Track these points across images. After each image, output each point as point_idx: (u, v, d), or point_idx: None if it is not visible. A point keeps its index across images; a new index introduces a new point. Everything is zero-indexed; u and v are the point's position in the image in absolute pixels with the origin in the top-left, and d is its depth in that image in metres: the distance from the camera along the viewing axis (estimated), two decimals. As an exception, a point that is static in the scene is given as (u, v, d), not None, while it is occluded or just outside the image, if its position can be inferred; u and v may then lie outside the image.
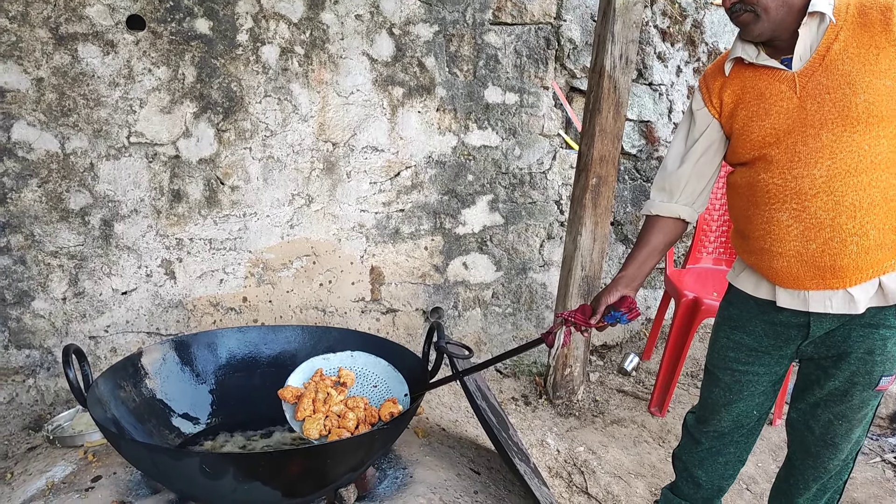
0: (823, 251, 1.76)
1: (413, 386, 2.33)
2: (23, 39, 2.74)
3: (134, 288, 3.11)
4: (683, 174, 2.03)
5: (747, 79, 1.86)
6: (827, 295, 1.82)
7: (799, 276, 1.83)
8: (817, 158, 1.72)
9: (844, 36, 1.71)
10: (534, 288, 3.90)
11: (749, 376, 2.07)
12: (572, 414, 3.44)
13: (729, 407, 2.14)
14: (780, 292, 1.90)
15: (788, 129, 1.77)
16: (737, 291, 2.08)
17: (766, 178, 1.82)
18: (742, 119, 1.87)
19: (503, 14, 3.48)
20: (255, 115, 3.13)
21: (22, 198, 2.85)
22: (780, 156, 1.79)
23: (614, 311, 1.90)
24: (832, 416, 1.97)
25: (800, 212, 1.77)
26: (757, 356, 2.04)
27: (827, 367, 1.94)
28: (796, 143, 1.75)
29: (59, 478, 2.27)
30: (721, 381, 2.13)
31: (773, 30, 1.76)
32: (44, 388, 3.05)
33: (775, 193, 1.81)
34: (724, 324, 2.13)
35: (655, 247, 2.06)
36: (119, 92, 2.91)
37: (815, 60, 1.73)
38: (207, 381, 2.48)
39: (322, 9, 3.14)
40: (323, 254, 3.40)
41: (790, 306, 1.89)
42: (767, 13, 1.73)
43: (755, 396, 2.11)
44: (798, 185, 1.76)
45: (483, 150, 3.60)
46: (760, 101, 1.82)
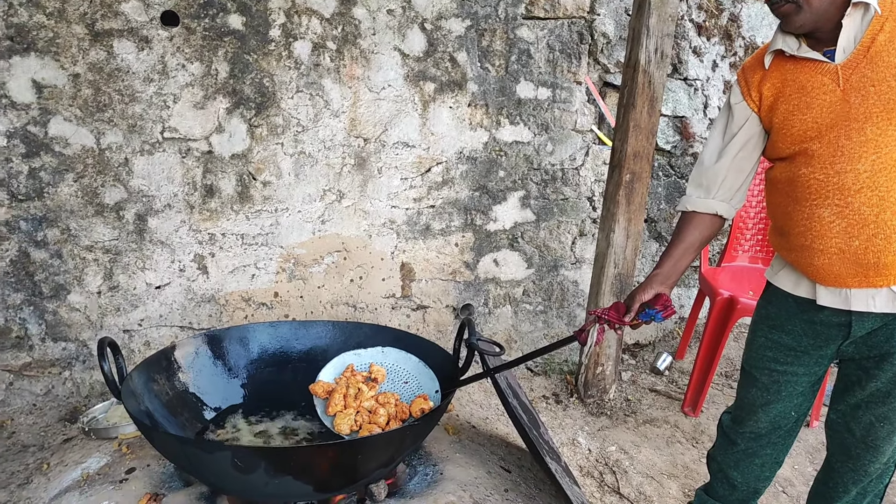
0: (867, 248, 1.72)
1: (444, 382, 2.32)
2: (59, 35, 2.77)
3: (167, 282, 3.13)
4: (721, 169, 1.98)
5: (788, 71, 1.82)
6: (870, 293, 1.77)
7: (841, 274, 1.78)
8: (861, 153, 1.67)
9: (890, 27, 1.65)
10: (565, 285, 3.87)
11: (788, 376, 2.02)
12: (604, 413, 3.40)
13: (766, 408, 2.09)
14: (821, 290, 1.85)
15: (831, 122, 1.72)
16: (775, 290, 2.03)
17: (808, 173, 1.77)
18: (782, 113, 1.82)
19: (536, 8, 3.44)
20: (287, 110, 3.13)
21: (58, 192, 2.89)
22: (822, 150, 1.74)
23: (649, 308, 1.87)
24: (873, 418, 1.92)
25: (843, 208, 1.72)
26: (796, 356, 1.99)
27: (868, 367, 1.89)
28: (839, 137, 1.70)
29: (95, 469, 2.30)
30: (759, 381, 2.09)
31: (815, 21, 1.71)
32: (79, 380, 3.09)
33: (817, 189, 1.76)
34: (762, 323, 2.08)
35: (691, 244, 2.02)
36: (153, 87, 2.93)
37: (860, 52, 1.68)
38: (239, 376, 2.49)
39: (354, 4, 3.14)
40: (354, 250, 3.40)
41: (831, 305, 1.84)
42: (810, 4, 1.68)
43: (794, 397, 2.06)
44: (841, 181, 1.71)
45: (515, 146, 3.57)
46: (802, 94, 1.77)
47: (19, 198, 2.84)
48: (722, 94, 4.05)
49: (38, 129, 2.81)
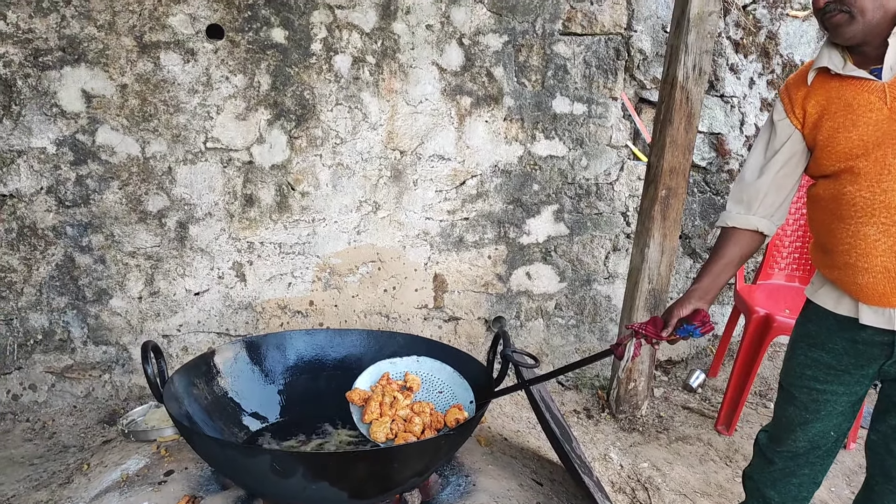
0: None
1: (478, 393, 2.33)
2: (109, 47, 2.86)
3: (206, 289, 3.19)
4: (762, 186, 1.98)
5: (833, 89, 1.81)
6: None
7: (885, 293, 1.76)
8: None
9: None
10: (598, 300, 3.86)
11: (827, 395, 2.00)
12: (636, 429, 3.38)
13: (805, 427, 2.06)
14: (864, 309, 1.83)
15: (878, 140, 1.71)
16: (815, 307, 2.01)
17: (853, 190, 1.77)
18: (827, 130, 1.81)
19: (573, 24, 3.47)
20: (326, 122, 3.19)
21: (104, 199, 2.97)
22: (868, 168, 1.73)
23: (687, 324, 1.85)
24: None
25: (889, 226, 1.71)
26: (836, 375, 1.97)
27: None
28: (886, 155, 1.70)
29: (134, 470, 2.34)
30: (797, 399, 2.06)
31: (865, 33, 1.71)
32: (118, 383, 3.16)
33: (862, 206, 1.75)
34: (802, 341, 2.06)
35: (731, 259, 2.01)
36: (197, 99, 3.00)
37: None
38: (276, 382, 2.53)
39: (394, 19, 3.19)
40: (388, 260, 3.44)
41: (874, 324, 1.82)
42: (864, 14, 1.68)
43: (833, 417, 2.03)
44: (888, 199, 1.70)
45: (549, 160, 3.58)
46: (848, 111, 1.77)
47: (66, 204, 2.93)
48: (759, 112, 4.03)
49: (87, 138, 2.90)
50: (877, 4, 1.67)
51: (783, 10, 3.98)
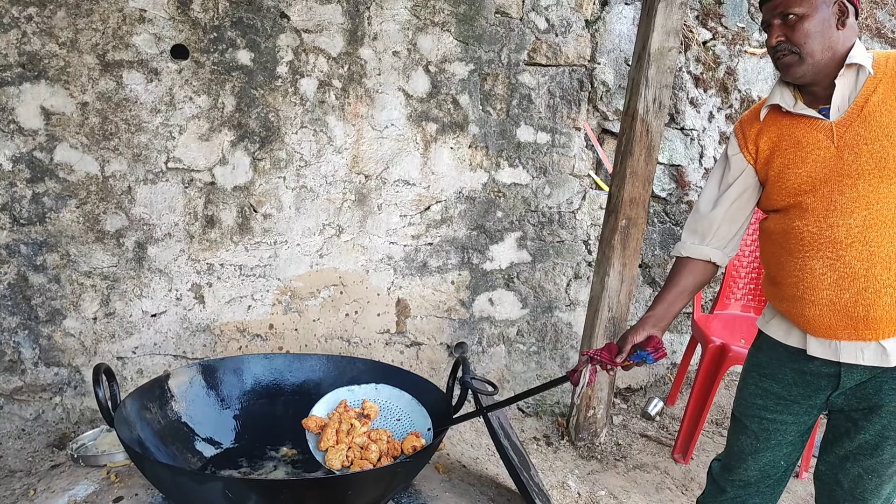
0: (857, 301, 1.75)
1: (436, 420, 2.32)
2: (71, 65, 2.82)
3: (163, 310, 3.14)
4: (716, 218, 2.03)
5: (784, 126, 1.87)
6: (859, 346, 1.80)
7: (831, 326, 1.81)
8: (853, 208, 1.72)
9: (883, 88, 1.72)
10: (559, 327, 3.89)
11: (777, 425, 2.04)
12: (594, 457, 3.40)
13: (756, 455, 2.10)
14: (812, 341, 1.88)
15: (825, 177, 1.77)
16: (766, 338, 2.06)
17: (801, 225, 1.82)
18: (778, 166, 1.87)
19: (538, 55, 3.53)
20: (290, 145, 3.18)
21: (60, 218, 2.91)
22: (815, 204, 1.78)
23: (640, 350, 1.89)
24: (862, 471, 1.93)
25: (834, 260, 1.76)
26: (786, 405, 2.01)
27: (857, 419, 1.90)
28: (832, 192, 1.75)
29: (82, 497, 2.28)
30: (748, 428, 2.10)
31: (814, 74, 1.77)
32: (70, 406, 3.08)
33: (810, 241, 1.80)
34: (753, 370, 2.10)
35: (685, 288, 2.05)
36: (160, 118, 2.98)
37: (853, 111, 1.74)
38: (232, 407, 2.49)
39: (361, 44, 3.21)
40: (350, 284, 3.43)
41: (821, 355, 1.87)
42: (812, 56, 1.74)
43: (783, 446, 2.07)
44: (833, 234, 1.75)
45: (513, 188, 3.62)
46: (797, 148, 1.83)
47: (21, 222, 2.87)
48: (717, 145, 4.12)
49: (44, 155, 2.85)
50: (825, 47, 1.74)
51: (741, 48, 4.10)
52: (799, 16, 1.73)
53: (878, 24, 4.58)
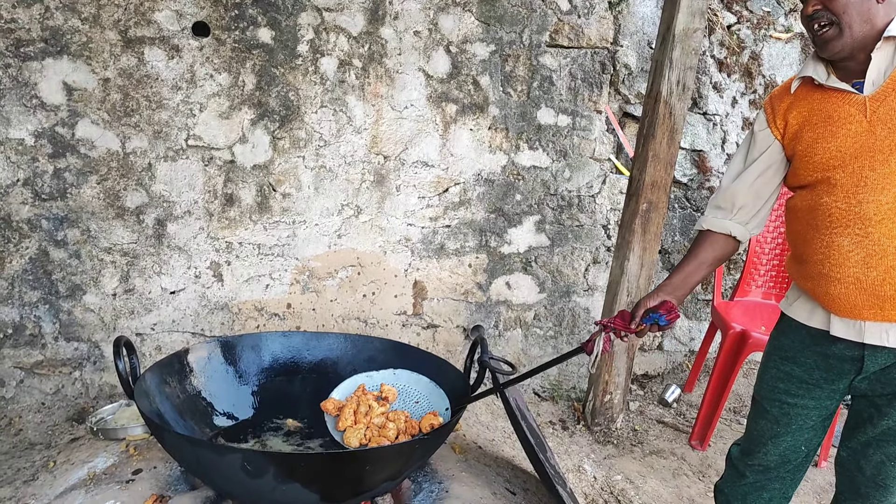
0: (885, 279, 1.72)
1: (454, 400, 2.32)
2: (93, 40, 2.83)
3: (182, 288, 3.15)
4: (739, 193, 2.00)
5: (815, 101, 1.84)
6: (884, 327, 1.77)
7: (857, 305, 1.78)
8: (885, 184, 1.69)
9: None
10: (576, 312, 3.87)
11: (798, 409, 2.01)
12: (610, 442, 3.38)
13: (776, 440, 2.07)
14: (835, 321, 1.85)
15: (856, 152, 1.73)
16: (789, 321, 2.03)
17: (829, 201, 1.78)
18: (807, 140, 1.84)
19: (560, 37, 3.49)
20: (310, 124, 3.17)
21: (81, 194, 2.93)
22: (845, 179, 1.75)
23: (653, 313, 1.88)
24: (884, 457, 1.90)
25: (862, 237, 1.73)
26: (807, 389, 1.98)
27: (881, 405, 1.87)
28: (863, 167, 1.72)
29: (101, 469, 2.30)
30: (769, 413, 2.07)
31: (852, 48, 1.73)
32: (89, 381, 3.11)
33: (838, 217, 1.77)
34: (775, 354, 2.07)
35: (704, 260, 2.03)
36: (181, 95, 2.98)
37: (889, 85, 1.71)
38: (250, 383, 2.50)
39: (382, 24, 3.19)
40: (368, 265, 3.42)
41: (845, 336, 1.83)
42: (851, 29, 1.71)
43: (804, 431, 2.04)
44: (863, 210, 1.72)
45: (533, 171, 3.59)
46: (828, 123, 1.79)
47: (42, 197, 2.88)
48: (740, 131, 4.07)
49: (66, 131, 2.86)
50: (864, 19, 1.70)
51: (766, 32, 4.03)
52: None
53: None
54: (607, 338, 1.89)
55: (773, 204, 2.03)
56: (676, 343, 4.16)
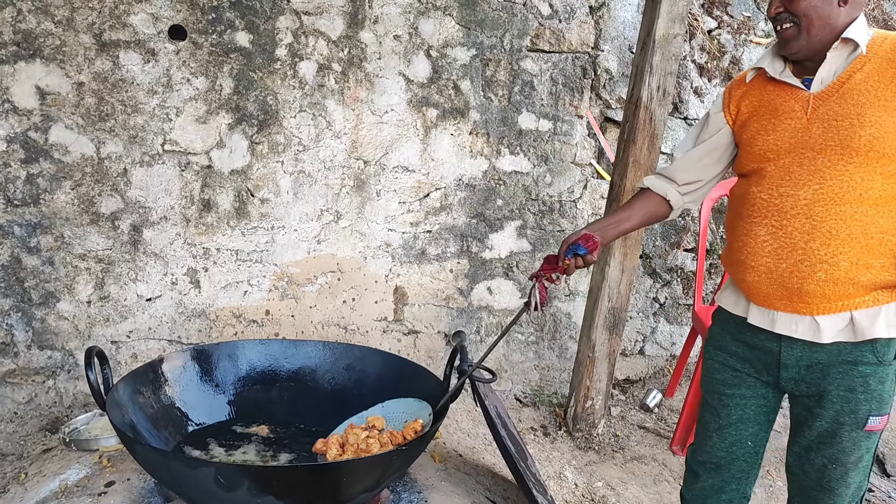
0: (792, 272, 1.77)
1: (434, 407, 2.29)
2: (66, 44, 2.78)
3: (158, 295, 3.11)
4: (683, 167, 2.09)
5: (767, 92, 1.89)
6: (794, 318, 1.81)
7: (768, 294, 1.83)
8: (807, 180, 1.74)
9: (870, 68, 1.71)
10: (558, 317, 3.85)
11: (736, 399, 2.02)
12: (592, 448, 3.37)
13: (720, 433, 2.06)
14: (753, 309, 1.90)
15: (789, 147, 1.79)
16: (720, 310, 2.09)
17: (756, 191, 1.85)
18: (752, 130, 1.89)
19: (541, 41, 3.48)
20: (289, 129, 3.14)
21: (55, 199, 2.88)
22: (774, 172, 1.81)
23: (573, 245, 1.94)
24: (825, 460, 1.89)
25: (777, 229, 1.79)
26: (742, 378, 2.00)
27: (811, 406, 1.88)
28: (792, 162, 1.78)
29: (73, 481, 2.26)
30: (710, 404, 2.09)
31: (809, 48, 1.77)
32: (63, 390, 3.05)
33: (759, 207, 1.83)
34: (710, 344, 2.11)
35: (635, 213, 2.11)
36: (157, 100, 2.94)
37: (834, 86, 1.75)
38: (226, 392, 2.47)
39: (361, 28, 3.16)
40: (348, 271, 3.39)
41: (760, 324, 1.88)
42: (809, 32, 1.74)
43: (746, 423, 2.03)
44: (781, 203, 1.78)
45: (514, 176, 3.58)
46: (772, 115, 1.84)
47: (15, 203, 2.83)
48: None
49: (39, 136, 2.81)
50: (824, 23, 1.73)
51: (747, 37, 4.05)
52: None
53: (885, 15, 4.53)
54: (542, 286, 1.98)
55: (713, 184, 2.11)
56: (658, 348, 4.16)
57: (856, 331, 1.76)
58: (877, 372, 1.79)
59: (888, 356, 1.79)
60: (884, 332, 1.75)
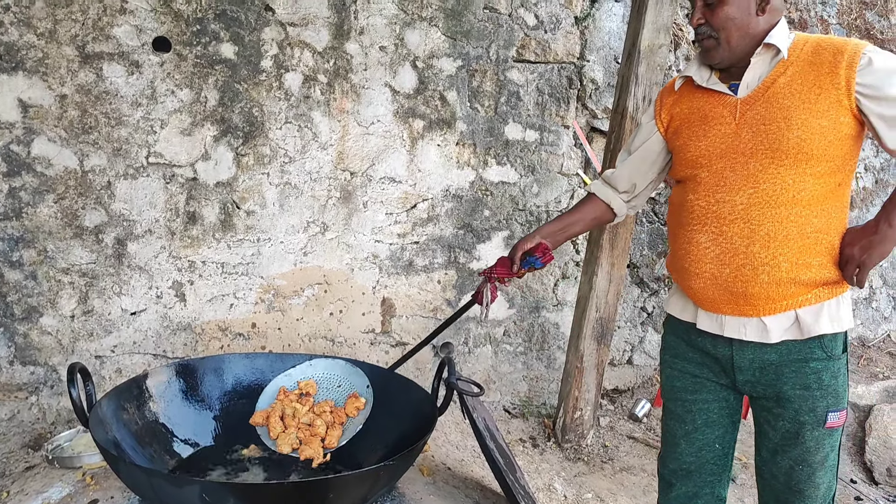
0: (736, 277, 1.79)
1: (421, 421, 2.27)
2: (49, 56, 2.76)
3: (143, 309, 3.08)
4: (622, 175, 2.16)
5: (696, 99, 1.92)
6: (742, 321, 1.84)
7: (715, 300, 1.85)
8: (741, 185, 1.77)
9: (792, 72, 1.75)
10: (546, 327, 3.85)
11: (699, 405, 2.02)
12: (581, 459, 3.36)
13: (688, 438, 2.06)
14: (701, 314, 1.92)
15: (721, 153, 1.82)
16: (669, 317, 2.10)
17: (693, 199, 1.87)
18: (683, 137, 1.92)
19: (527, 52, 3.48)
20: (274, 140, 3.13)
21: (37, 213, 2.85)
22: (708, 178, 1.84)
23: (529, 256, 2.07)
24: (792, 462, 1.89)
25: (717, 235, 1.82)
26: (701, 383, 2.00)
27: (771, 407, 1.89)
28: (725, 168, 1.81)
29: (56, 499, 2.22)
30: (674, 412, 2.09)
31: (731, 59, 1.82)
32: (46, 406, 3.01)
33: (698, 215, 1.86)
34: (666, 352, 2.11)
35: (583, 218, 2.22)
36: (141, 112, 2.91)
37: (760, 91, 1.78)
38: (212, 407, 2.43)
39: (347, 39, 3.16)
40: (335, 283, 3.37)
41: (709, 329, 1.90)
42: (729, 43, 1.79)
43: (713, 427, 2.03)
44: (719, 209, 1.81)
45: (501, 186, 3.58)
46: (702, 122, 1.87)
47: (-3, 216, 2.80)
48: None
49: (21, 149, 2.78)
50: (743, 33, 1.78)
51: (731, 47, 4.07)
52: (719, 0, 1.77)
53: (867, 24, 4.58)
54: (493, 287, 2.10)
55: (651, 191, 2.17)
56: (646, 357, 4.16)
57: (802, 328, 1.79)
58: (828, 367, 1.81)
59: (836, 350, 1.82)
60: (829, 328, 1.78)
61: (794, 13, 4.34)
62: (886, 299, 5.03)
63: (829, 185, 1.74)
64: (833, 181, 1.74)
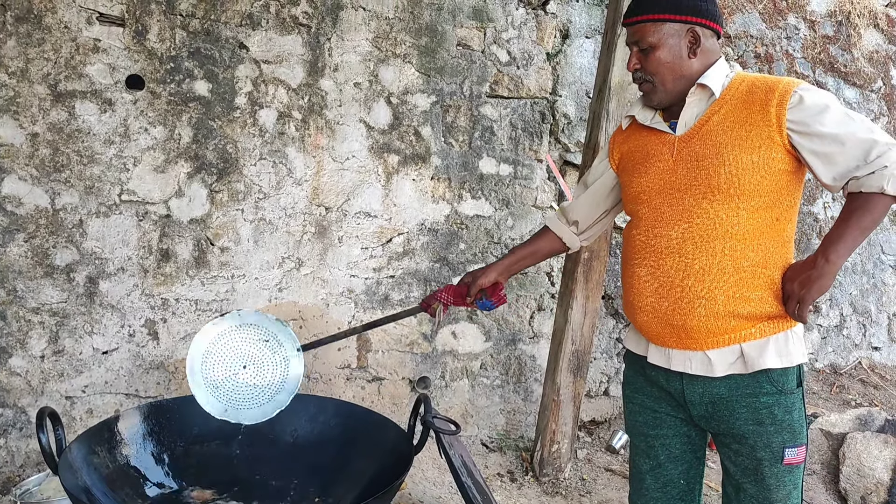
0: (675, 310, 1.81)
1: (397, 460, 2.26)
2: (21, 94, 2.75)
3: (115, 347, 3.04)
4: (575, 209, 2.20)
5: (641, 137, 1.97)
6: (687, 355, 1.84)
7: (659, 333, 1.87)
8: (676, 220, 1.80)
9: (726, 110, 1.79)
10: (523, 360, 3.85)
11: (661, 440, 2.01)
12: (559, 492, 3.35)
13: (653, 473, 2.04)
14: (651, 348, 1.93)
15: (659, 189, 1.85)
16: (627, 352, 2.11)
17: (635, 233, 1.91)
18: (628, 174, 1.97)
19: (500, 88, 3.53)
20: (249, 177, 3.13)
21: (7, 252, 2.81)
22: (647, 214, 1.88)
23: (486, 298, 2.20)
24: (754, 501, 1.88)
25: (655, 269, 1.84)
26: (661, 418, 1.99)
27: (729, 443, 1.89)
28: (662, 203, 1.84)
29: (22, 548, 2.16)
30: (638, 447, 2.08)
31: (669, 99, 1.87)
32: (14, 448, 2.95)
33: (639, 249, 1.88)
34: (626, 387, 2.11)
35: (537, 251, 2.26)
36: (114, 150, 2.90)
37: (695, 129, 1.82)
38: (186, 449, 2.40)
39: (321, 76, 3.18)
40: (310, 318, 3.36)
41: (658, 363, 1.90)
42: (664, 85, 1.85)
43: (676, 462, 2.01)
44: (657, 244, 1.84)
45: (476, 220, 3.60)
46: (645, 159, 1.92)
47: (-35, 256, 2.76)
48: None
49: (-9, 188, 2.75)
50: (676, 76, 1.84)
51: (700, 81, 4.15)
52: (651, 46, 1.82)
53: (830, 58, 4.70)
54: (446, 310, 2.25)
55: (604, 225, 2.23)
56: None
57: (746, 363, 1.78)
58: (780, 402, 1.79)
59: (788, 385, 1.80)
60: (776, 363, 1.77)
61: (761, 48, 4.45)
62: (857, 326, 5.10)
63: (766, 220, 1.76)
64: (769, 216, 1.76)
